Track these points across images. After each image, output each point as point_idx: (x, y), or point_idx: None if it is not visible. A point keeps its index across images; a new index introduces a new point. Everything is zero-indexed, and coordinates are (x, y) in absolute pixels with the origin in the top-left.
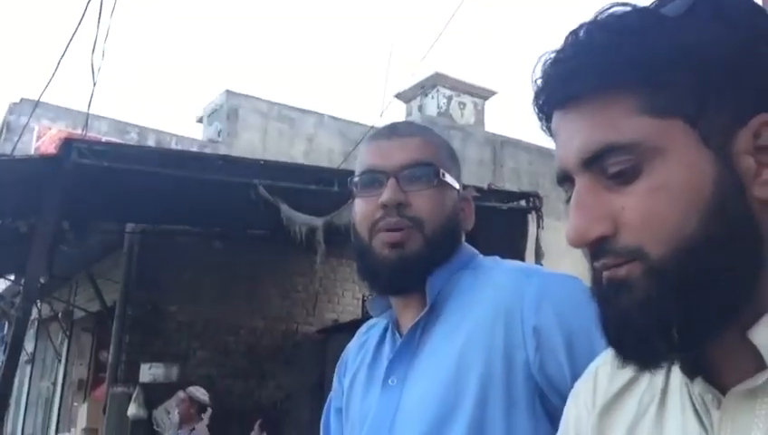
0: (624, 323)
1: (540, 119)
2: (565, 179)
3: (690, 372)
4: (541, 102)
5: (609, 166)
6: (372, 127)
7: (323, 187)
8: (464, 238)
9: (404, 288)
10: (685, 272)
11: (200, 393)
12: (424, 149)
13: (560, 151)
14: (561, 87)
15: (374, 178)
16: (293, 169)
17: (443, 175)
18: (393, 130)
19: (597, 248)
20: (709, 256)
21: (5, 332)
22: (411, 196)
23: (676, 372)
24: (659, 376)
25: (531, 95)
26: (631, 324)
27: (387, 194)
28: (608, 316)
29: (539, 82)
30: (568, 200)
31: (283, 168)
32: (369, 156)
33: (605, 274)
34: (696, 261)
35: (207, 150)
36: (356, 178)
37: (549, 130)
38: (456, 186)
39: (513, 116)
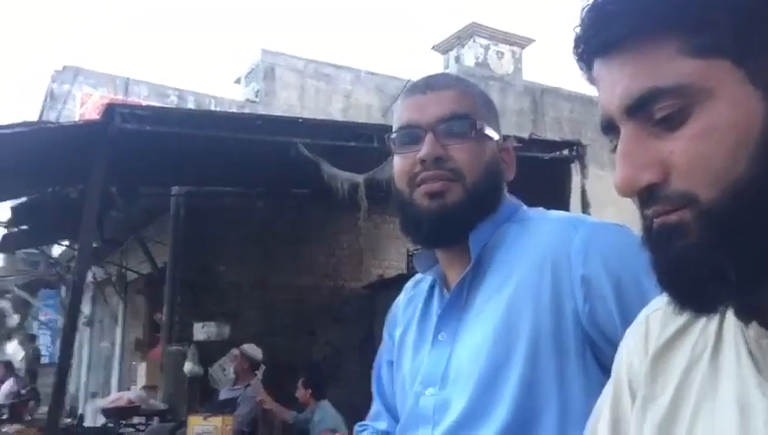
0: (679, 269)
1: (581, 67)
2: (610, 128)
3: (745, 317)
4: (580, 50)
5: (654, 111)
6: (410, 81)
7: (363, 143)
8: (506, 189)
9: (446, 239)
10: (737, 214)
11: (253, 351)
12: (460, 101)
13: (603, 99)
14: (601, 33)
15: (411, 134)
16: (332, 126)
17: (481, 126)
18: (428, 84)
19: (646, 196)
20: (761, 196)
21: (63, 296)
22: (450, 149)
23: (731, 317)
24: (713, 322)
25: (570, 43)
26: (686, 270)
27: (425, 149)
28: (662, 264)
29: (578, 29)
30: (614, 150)
31: (321, 125)
32: (406, 111)
33: (656, 221)
34: (747, 203)
35: (246, 111)
36: (393, 135)
37: (590, 79)
38: (495, 136)
39: (553, 64)
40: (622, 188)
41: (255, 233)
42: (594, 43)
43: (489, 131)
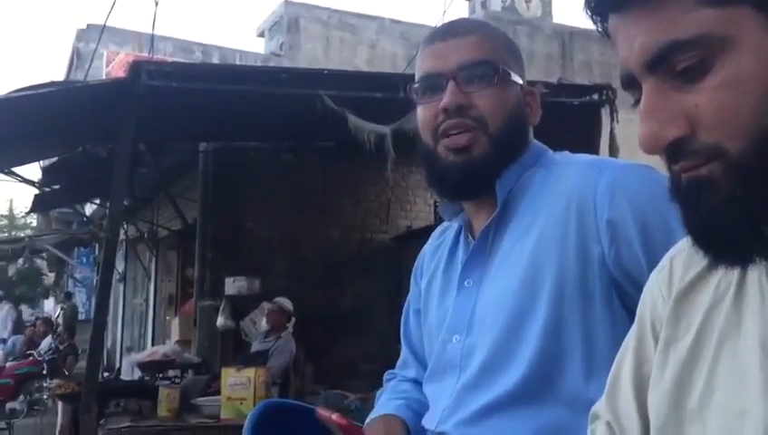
0: (712, 224)
1: (594, 21)
2: (631, 84)
3: None
4: (594, 5)
5: (675, 64)
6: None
7: (389, 93)
8: (532, 134)
9: (473, 193)
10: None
11: (287, 303)
12: (482, 47)
13: (621, 55)
14: None
15: (433, 83)
16: (357, 77)
17: (503, 71)
18: (448, 31)
19: (673, 151)
20: None
21: (97, 253)
22: (472, 97)
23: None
24: None
25: None
26: (719, 224)
27: (447, 98)
28: (693, 219)
29: None
30: (635, 104)
31: (346, 76)
32: (426, 60)
33: (685, 176)
34: None
35: (271, 64)
36: (415, 85)
37: (605, 32)
38: (519, 81)
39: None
40: (647, 144)
41: (283, 187)
42: None
43: (513, 76)
